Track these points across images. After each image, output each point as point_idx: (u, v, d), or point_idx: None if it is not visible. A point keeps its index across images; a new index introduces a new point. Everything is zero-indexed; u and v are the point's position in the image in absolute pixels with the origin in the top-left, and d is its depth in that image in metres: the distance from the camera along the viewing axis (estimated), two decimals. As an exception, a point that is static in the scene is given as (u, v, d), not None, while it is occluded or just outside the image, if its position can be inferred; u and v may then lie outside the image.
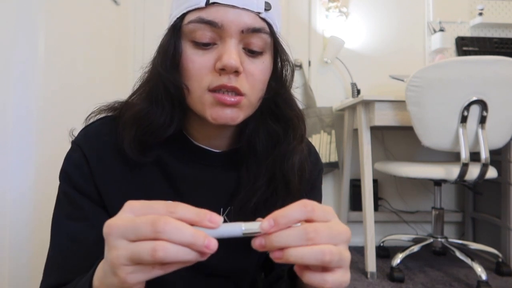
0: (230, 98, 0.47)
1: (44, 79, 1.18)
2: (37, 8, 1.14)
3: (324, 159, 2.08)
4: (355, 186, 2.13)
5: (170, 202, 0.33)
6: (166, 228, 0.30)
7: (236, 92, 0.48)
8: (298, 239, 0.32)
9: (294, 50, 0.57)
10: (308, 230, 0.32)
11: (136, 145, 0.51)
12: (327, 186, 2.22)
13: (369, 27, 2.26)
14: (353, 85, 2.11)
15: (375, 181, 1.97)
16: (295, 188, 0.55)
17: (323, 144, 2.10)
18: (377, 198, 2.16)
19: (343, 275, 0.34)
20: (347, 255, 0.35)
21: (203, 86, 0.48)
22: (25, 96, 1.11)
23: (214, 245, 0.31)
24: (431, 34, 2.25)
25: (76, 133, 0.57)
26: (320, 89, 2.21)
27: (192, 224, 0.32)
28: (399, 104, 1.65)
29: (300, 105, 0.59)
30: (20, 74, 1.09)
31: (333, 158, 2.10)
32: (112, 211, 0.52)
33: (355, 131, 2.02)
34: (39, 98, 1.15)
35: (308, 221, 0.34)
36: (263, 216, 0.38)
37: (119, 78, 1.94)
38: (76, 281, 0.45)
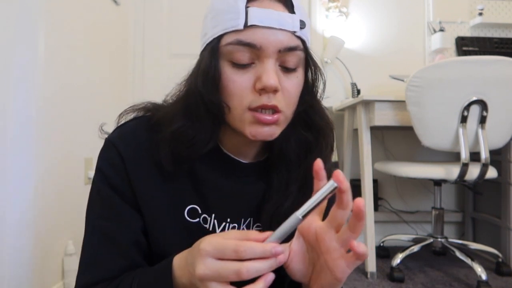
0: (268, 117, 0.49)
1: (44, 79, 1.18)
2: (37, 8, 1.14)
3: (324, 159, 2.08)
4: (355, 186, 2.13)
5: (239, 243, 0.38)
6: (245, 254, 0.38)
7: (274, 109, 0.50)
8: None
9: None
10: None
11: (173, 158, 0.52)
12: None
13: (369, 27, 2.26)
14: (353, 85, 2.11)
15: (375, 181, 1.97)
16: None
17: (323, 144, 2.10)
18: (377, 198, 2.16)
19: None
20: None
21: (243, 105, 0.50)
22: (25, 96, 1.11)
23: (280, 251, 0.38)
24: (431, 34, 2.25)
25: (106, 129, 0.58)
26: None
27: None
28: (399, 104, 1.65)
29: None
30: (20, 74, 1.09)
31: (333, 158, 2.09)
32: (143, 211, 0.54)
33: (355, 131, 2.02)
34: (39, 98, 1.15)
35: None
36: None
37: (119, 78, 1.94)
38: (130, 278, 0.48)
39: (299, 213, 0.39)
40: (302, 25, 0.51)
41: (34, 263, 1.14)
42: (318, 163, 0.43)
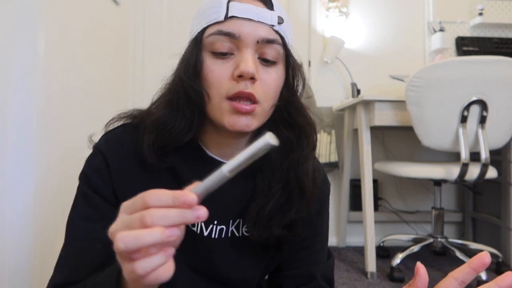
0: (245, 106, 0.51)
1: (44, 79, 1.18)
2: (37, 8, 1.14)
3: (324, 159, 2.08)
4: (355, 186, 2.13)
5: (144, 193, 0.34)
6: (150, 200, 0.33)
7: (251, 99, 0.51)
8: None
9: (294, 50, 0.58)
10: None
11: (155, 149, 0.53)
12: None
13: (369, 27, 2.26)
14: (353, 85, 2.10)
15: (375, 181, 1.97)
16: (309, 192, 0.57)
17: (323, 144, 2.10)
18: (377, 198, 2.16)
19: None
20: None
21: (221, 93, 0.51)
22: (25, 96, 1.11)
23: (192, 200, 0.33)
24: (431, 34, 2.25)
25: (95, 138, 0.59)
26: (320, 89, 2.21)
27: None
28: (399, 104, 1.65)
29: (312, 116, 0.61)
30: (20, 74, 1.09)
31: (333, 158, 2.10)
32: None
33: (355, 131, 2.02)
34: (39, 98, 1.15)
35: None
36: (280, 223, 0.51)
37: (119, 78, 1.94)
38: (91, 279, 0.47)
39: (225, 169, 0.35)
40: (280, 20, 0.53)
41: (34, 262, 1.14)
42: (419, 268, 0.43)
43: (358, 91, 2.08)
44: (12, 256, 1.07)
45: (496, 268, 1.71)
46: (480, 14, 2.20)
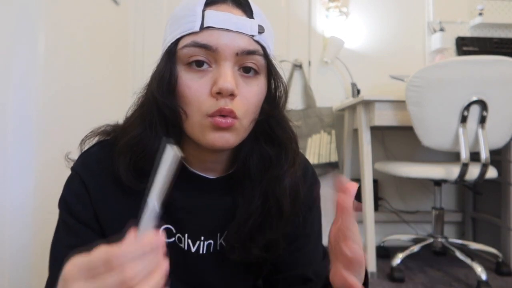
0: (225, 120, 0.47)
1: (44, 79, 1.17)
2: (37, 8, 1.14)
3: (324, 159, 2.08)
4: (355, 186, 2.13)
5: (108, 250, 0.30)
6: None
7: (231, 115, 0.48)
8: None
9: (294, 50, 0.58)
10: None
11: (132, 172, 0.51)
12: (327, 186, 2.21)
13: (369, 27, 2.26)
14: (353, 85, 2.10)
15: (375, 181, 1.97)
16: (287, 211, 0.55)
17: (323, 144, 2.10)
18: (377, 198, 2.16)
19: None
20: None
21: (201, 111, 0.48)
22: (25, 96, 1.11)
23: (160, 241, 0.31)
24: (431, 34, 2.25)
25: (72, 157, 0.57)
26: (320, 89, 2.20)
27: None
28: (399, 104, 1.65)
29: (293, 126, 0.59)
30: (20, 75, 1.09)
31: (333, 158, 2.10)
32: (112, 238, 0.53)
33: (355, 131, 2.02)
34: (39, 98, 1.15)
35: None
36: (259, 243, 0.51)
37: (119, 79, 1.94)
38: None
39: (152, 202, 0.33)
40: (261, 29, 0.50)
41: (34, 261, 1.14)
42: (340, 180, 0.42)
43: (358, 91, 2.08)
44: (11, 254, 1.07)
45: (496, 268, 1.71)
46: (480, 14, 2.19)
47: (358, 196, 2.02)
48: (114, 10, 1.85)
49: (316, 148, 2.09)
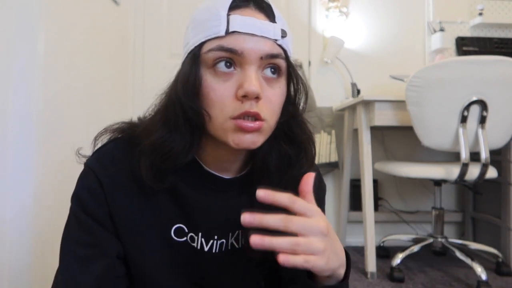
0: (251, 124, 0.48)
1: (44, 79, 1.17)
2: (37, 8, 1.14)
3: (324, 159, 2.08)
4: (355, 186, 2.13)
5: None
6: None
7: (257, 117, 0.49)
8: (278, 222, 0.42)
9: (294, 50, 0.58)
10: (286, 220, 0.42)
11: (154, 172, 0.51)
12: (327, 186, 2.21)
13: (369, 27, 2.26)
14: (353, 85, 2.11)
15: (375, 181, 1.97)
16: None
17: (323, 144, 2.10)
18: (377, 198, 2.16)
19: (317, 260, 0.41)
20: (317, 245, 0.42)
21: (225, 114, 0.49)
22: (25, 96, 1.11)
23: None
24: (431, 34, 2.25)
25: (83, 153, 0.57)
26: (320, 89, 2.20)
27: None
28: (399, 104, 1.65)
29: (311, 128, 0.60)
30: (20, 75, 1.09)
31: (333, 158, 2.10)
32: (123, 236, 0.53)
33: (355, 131, 2.02)
34: (39, 98, 1.15)
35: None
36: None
37: (119, 79, 1.94)
38: None
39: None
40: (284, 33, 0.51)
41: (34, 262, 1.14)
42: (307, 180, 0.47)
43: (358, 91, 2.08)
44: (12, 256, 1.07)
45: (496, 268, 1.71)
46: (480, 14, 2.19)
47: (359, 196, 2.03)
48: (114, 10, 1.85)
49: (316, 148, 2.09)
